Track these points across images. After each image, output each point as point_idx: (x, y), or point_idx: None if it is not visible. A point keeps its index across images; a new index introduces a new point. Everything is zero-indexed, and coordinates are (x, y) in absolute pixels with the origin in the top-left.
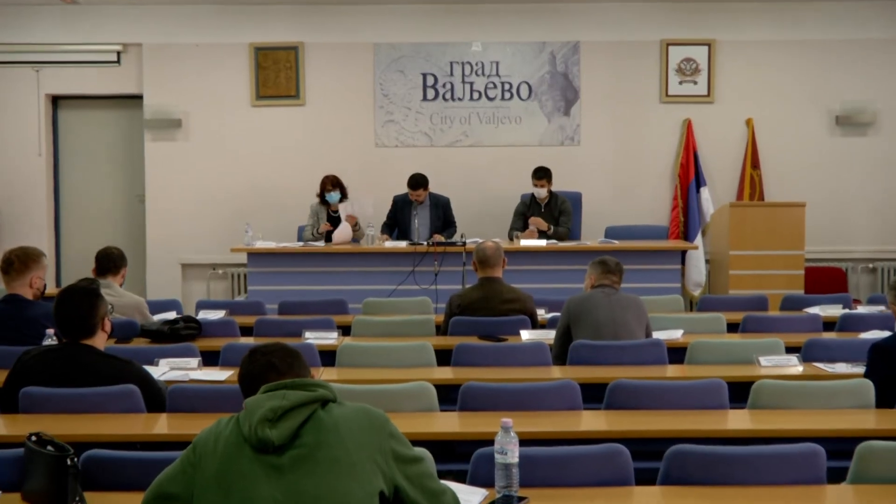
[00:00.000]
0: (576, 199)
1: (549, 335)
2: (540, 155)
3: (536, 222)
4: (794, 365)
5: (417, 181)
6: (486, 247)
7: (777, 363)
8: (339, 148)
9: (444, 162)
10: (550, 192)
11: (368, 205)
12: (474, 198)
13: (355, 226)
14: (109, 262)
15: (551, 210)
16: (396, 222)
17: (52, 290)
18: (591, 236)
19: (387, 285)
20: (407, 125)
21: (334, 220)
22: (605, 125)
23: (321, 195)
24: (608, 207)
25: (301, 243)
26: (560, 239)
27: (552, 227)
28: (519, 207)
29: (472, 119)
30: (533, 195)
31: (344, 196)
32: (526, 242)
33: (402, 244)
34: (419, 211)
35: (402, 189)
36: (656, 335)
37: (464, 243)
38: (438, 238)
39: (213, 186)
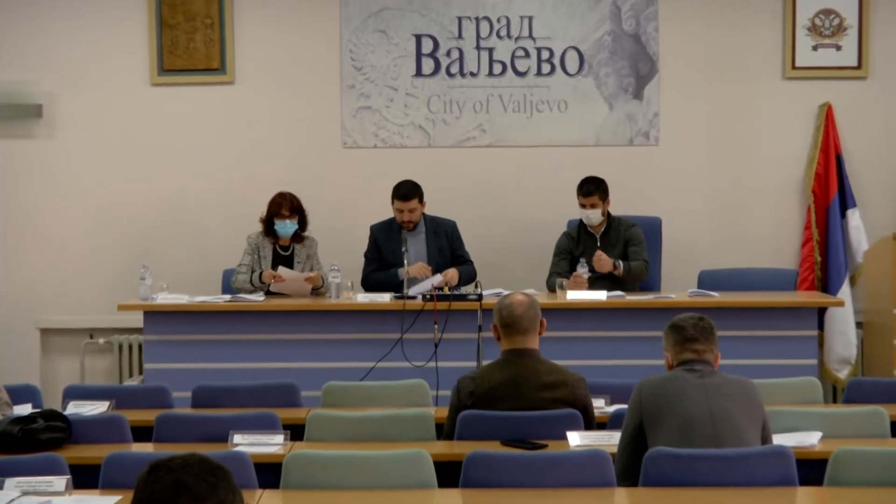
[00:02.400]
0: (652, 227)
1: (611, 439)
2: (597, 160)
3: (599, 262)
4: None
5: (409, 190)
6: (515, 302)
7: None
8: (286, 150)
9: (448, 171)
10: (608, 216)
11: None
12: (495, 227)
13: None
14: None
15: (610, 242)
16: (381, 262)
17: None
18: (677, 285)
19: (360, 361)
20: (391, 114)
21: (282, 262)
22: (697, 114)
23: (267, 222)
24: (703, 241)
25: (228, 297)
26: (634, 280)
27: (620, 265)
28: (562, 241)
29: (491, 105)
30: (580, 222)
31: (302, 227)
32: (575, 295)
33: (384, 297)
34: (411, 243)
35: (382, 213)
36: (779, 439)
37: (479, 296)
38: (451, 271)
39: (90, 208)
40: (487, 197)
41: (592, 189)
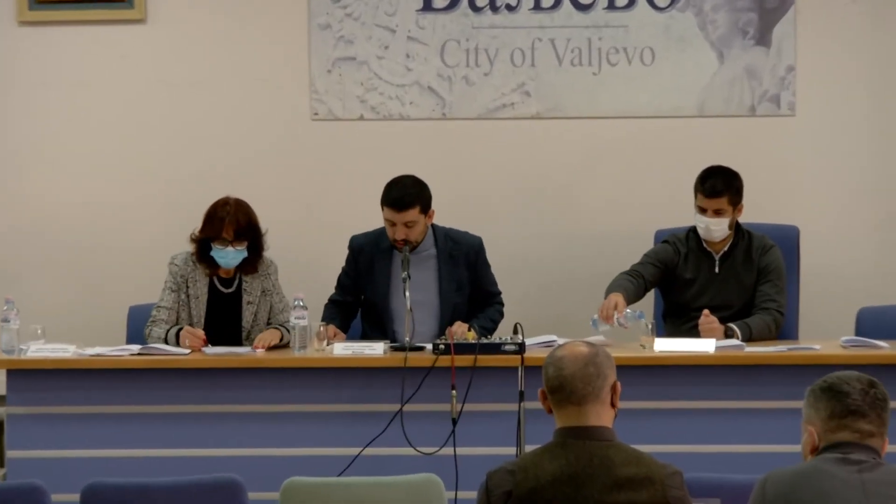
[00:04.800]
0: (785, 241)
1: None
2: (700, 139)
3: (707, 327)
4: None
5: (405, 193)
6: (568, 356)
7: None
8: (224, 125)
9: (471, 157)
10: (736, 230)
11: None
12: (544, 243)
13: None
14: None
15: (734, 269)
16: (358, 296)
17: None
18: (824, 329)
19: (339, 446)
20: (386, 70)
21: (224, 303)
22: (854, 69)
23: (201, 245)
24: (863, 264)
25: (138, 348)
26: (762, 337)
27: (738, 332)
28: (663, 250)
29: (538, 55)
30: (692, 232)
31: (255, 253)
32: (665, 345)
33: (376, 348)
34: (414, 269)
35: (371, 220)
36: None
37: (520, 346)
38: (460, 330)
39: None
40: (531, 196)
41: (721, 187)
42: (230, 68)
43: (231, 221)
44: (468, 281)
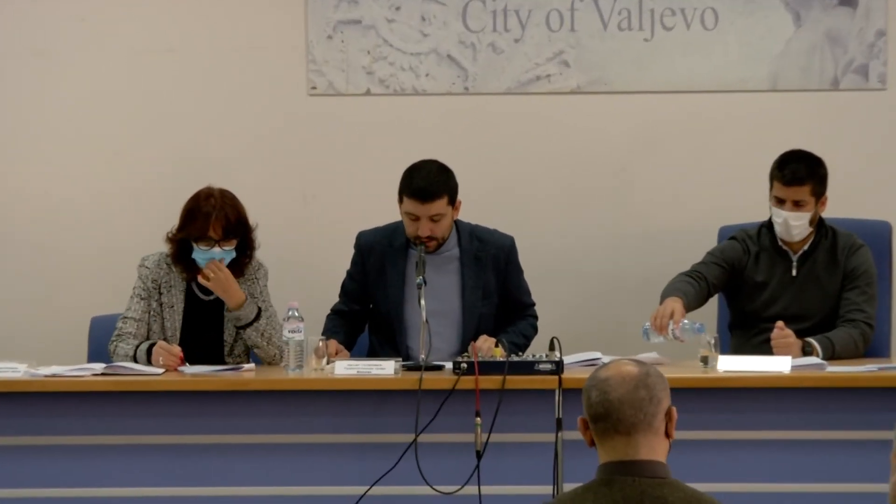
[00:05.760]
0: (876, 238)
1: None
2: (774, 116)
3: (782, 342)
4: None
5: (431, 181)
6: (613, 378)
7: None
8: (204, 101)
9: (501, 139)
10: (818, 225)
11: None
12: (585, 241)
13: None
14: None
15: (815, 272)
16: (366, 305)
17: None
18: None
19: (343, 484)
20: (398, 35)
21: (203, 313)
22: None
23: (178, 246)
24: None
25: (101, 367)
26: (847, 354)
27: (818, 348)
28: (730, 248)
29: (579, 18)
30: (766, 228)
31: (245, 254)
32: (731, 363)
33: (386, 368)
34: (433, 274)
35: (381, 215)
36: None
37: (556, 365)
38: (486, 345)
39: None
40: (571, 187)
41: (803, 174)
42: (208, 34)
43: (219, 217)
44: (496, 288)
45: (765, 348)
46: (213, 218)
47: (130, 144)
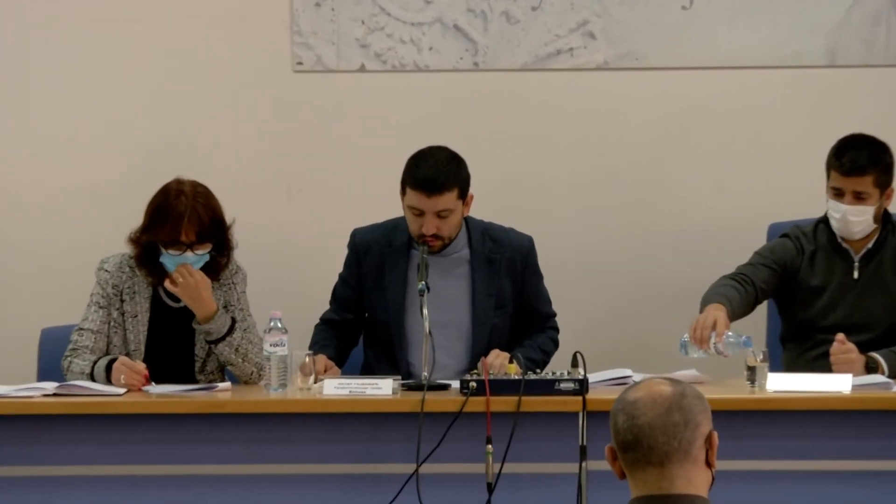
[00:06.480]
0: None
1: None
2: (831, 97)
3: (844, 358)
4: None
5: (438, 172)
6: (643, 400)
7: None
8: (175, 79)
9: (516, 121)
10: (886, 221)
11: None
12: (615, 241)
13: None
14: None
15: (881, 275)
16: (361, 314)
17: None
18: None
19: None
20: (397, 2)
21: (171, 323)
22: None
23: (144, 249)
24: None
25: (54, 385)
26: None
27: (884, 364)
28: (780, 247)
29: None
30: (822, 224)
31: (225, 256)
32: (783, 382)
33: (383, 387)
34: (439, 277)
35: (379, 211)
36: None
37: (579, 384)
38: (499, 361)
39: None
40: (597, 178)
41: (865, 162)
42: (176, 1)
43: (191, 219)
44: (511, 295)
45: (822, 364)
46: (186, 220)
47: (87, 130)
